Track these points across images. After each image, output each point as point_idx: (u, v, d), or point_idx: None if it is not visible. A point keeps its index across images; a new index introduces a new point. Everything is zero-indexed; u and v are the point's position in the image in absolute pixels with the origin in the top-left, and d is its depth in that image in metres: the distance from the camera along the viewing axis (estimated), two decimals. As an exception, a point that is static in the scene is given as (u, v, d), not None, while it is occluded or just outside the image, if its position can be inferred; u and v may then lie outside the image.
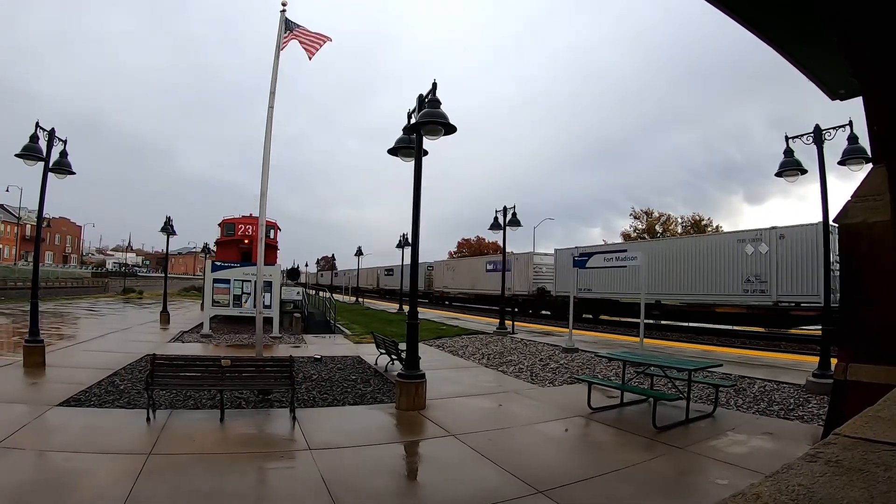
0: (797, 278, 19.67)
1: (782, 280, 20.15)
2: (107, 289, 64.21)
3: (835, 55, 3.97)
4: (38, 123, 10.61)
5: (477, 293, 41.57)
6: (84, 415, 7.75)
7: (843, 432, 1.58)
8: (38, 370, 10.48)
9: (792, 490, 1.21)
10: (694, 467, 6.29)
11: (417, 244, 9.47)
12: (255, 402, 8.82)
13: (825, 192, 9.70)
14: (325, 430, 7.38)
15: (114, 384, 9.63)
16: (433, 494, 5.46)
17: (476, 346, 16.86)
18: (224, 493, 5.13)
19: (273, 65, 10.69)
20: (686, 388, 8.23)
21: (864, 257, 3.64)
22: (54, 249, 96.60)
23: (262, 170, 10.60)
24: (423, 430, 7.81)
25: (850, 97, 4.53)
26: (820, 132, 9.71)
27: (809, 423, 7.98)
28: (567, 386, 11.14)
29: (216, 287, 18.65)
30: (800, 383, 9.73)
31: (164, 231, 24.07)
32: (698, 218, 69.26)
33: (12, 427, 6.70)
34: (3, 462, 5.61)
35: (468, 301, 43.25)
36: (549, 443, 7.30)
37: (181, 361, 8.43)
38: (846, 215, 3.77)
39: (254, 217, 24.79)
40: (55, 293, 46.27)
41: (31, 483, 5.19)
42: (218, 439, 6.95)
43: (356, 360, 13.76)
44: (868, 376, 3.47)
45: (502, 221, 20.76)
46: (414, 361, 8.93)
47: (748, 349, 16.21)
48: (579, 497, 5.20)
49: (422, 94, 8.97)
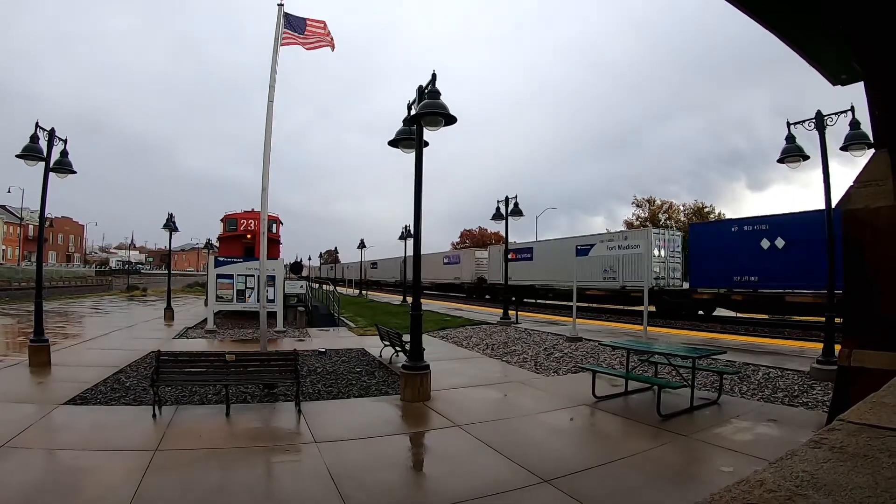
0: (633, 270, 26.61)
1: (625, 271, 27.21)
2: (111, 287, 64.28)
3: (837, 40, 3.95)
4: (37, 123, 10.60)
5: (435, 282, 50.48)
6: (90, 413, 7.78)
7: (848, 418, 1.58)
8: (43, 369, 10.51)
9: (796, 476, 1.21)
10: (699, 455, 6.31)
11: (419, 236, 9.46)
12: (261, 396, 8.86)
13: (827, 177, 9.67)
14: (330, 423, 7.40)
15: (119, 382, 9.65)
16: (439, 486, 5.47)
17: (480, 336, 16.87)
18: (231, 487, 5.15)
19: (272, 60, 10.66)
20: (690, 376, 8.24)
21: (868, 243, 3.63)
22: (57, 249, 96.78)
23: (262, 164, 10.58)
24: (428, 422, 7.83)
25: (851, 82, 4.49)
26: (822, 118, 9.67)
27: (814, 410, 7.98)
28: (571, 375, 11.16)
29: (220, 282, 18.71)
30: (804, 370, 9.73)
31: (166, 228, 24.07)
32: (701, 205, 69.32)
33: (20, 426, 6.74)
34: (11, 461, 5.64)
35: (429, 289, 50.51)
36: (555, 432, 7.32)
37: (186, 357, 8.49)
38: (849, 201, 3.75)
39: (256, 212, 24.87)
40: (59, 292, 46.35)
41: (40, 482, 5.22)
42: (224, 434, 6.97)
43: (360, 352, 13.81)
44: (872, 362, 3.46)
45: (504, 211, 20.73)
46: (418, 353, 8.95)
47: (752, 336, 16.23)
48: (585, 486, 5.21)
49: (421, 86, 8.94)
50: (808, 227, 18.33)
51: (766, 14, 4.13)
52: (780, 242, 20.95)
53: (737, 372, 9.69)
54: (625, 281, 27.93)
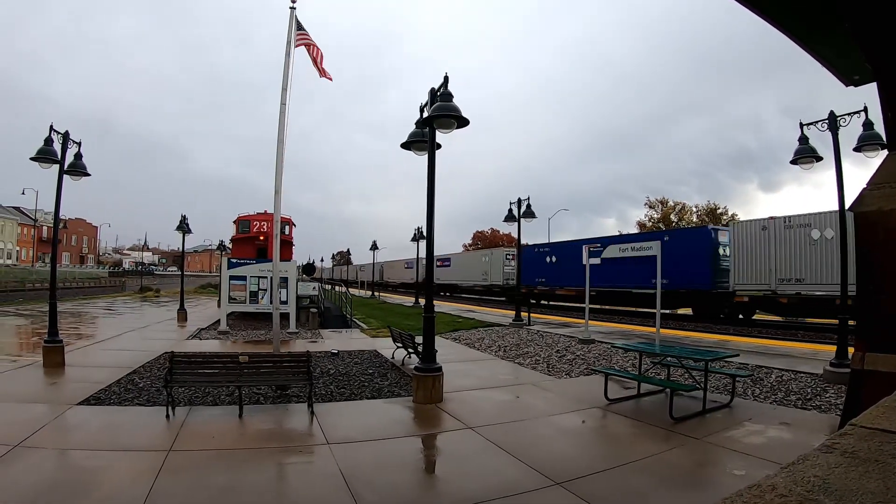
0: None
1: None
2: (124, 288, 64.86)
3: (848, 41, 3.93)
4: (52, 126, 10.74)
5: (400, 282, 62.57)
6: (104, 413, 7.85)
7: (860, 423, 1.58)
8: (57, 370, 10.61)
9: (807, 481, 1.22)
10: (711, 458, 6.29)
11: (432, 237, 9.47)
12: (273, 397, 8.91)
13: (840, 179, 9.59)
14: (343, 425, 7.43)
15: (133, 382, 9.74)
16: (451, 487, 5.49)
17: (492, 338, 16.88)
18: (244, 488, 5.18)
19: (284, 63, 10.72)
20: (703, 379, 8.21)
21: (881, 246, 3.60)
22: (71, 250, 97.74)
23: (275, 167, 10.66)
24: (440, 424, 7.85)
25: (864, 83, 4.47)
26: (835, 119, 9.60)
27: (827, 413, 7.93)
28: (584, 377, 11.14)
29: (233, 284, 18.81)
30: (817, 373, 9.66)
31: (179, 229, 24.29)
32: (713, 206, 68.70)
33: (34, 426, 6.81)
34: (25, 461, 5.70)
35: (397, 287, 63.26)
36: (567, 435, 7.32)
37: (199, 358, 8.53)
38: (861, 203, 3.72)
39: (268, 213, 24.98)
40: (73, 293, 46.78)
41: (54, 481, 5.27)
42: (237, 435, 7.01)
43: (373, 354, 13.84)
44: (886, 366, 3.44)
45: (517, 213, 20.71)
46: (430, 355, 8.97)
47: (765, 338, 16.11)
48: (597, 489, 5.21)
49: (433, 88, 8.96)
50: (567, 249, 33.81)
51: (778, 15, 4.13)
52: (554, 258, 36.24)
53: (749, 374, 9.63)
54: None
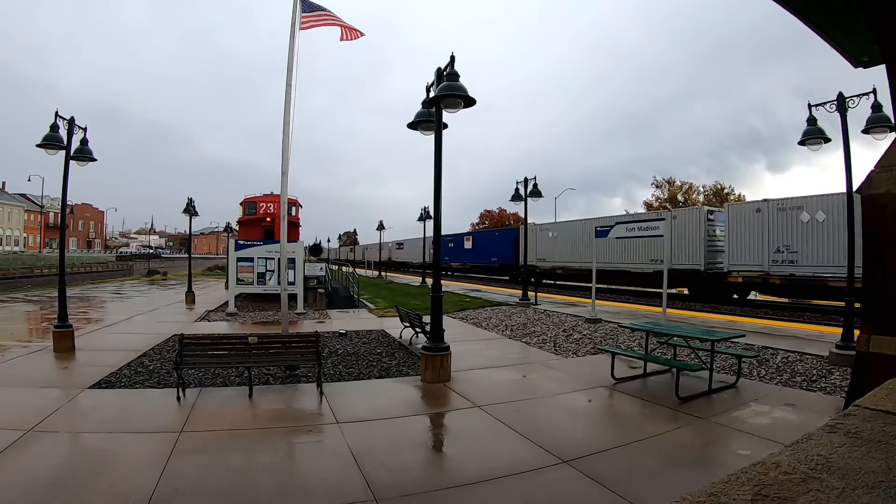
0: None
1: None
2: (131, 271, 64.93)
3: (858, 22, 3.90)
4: (57, 113, 10.73)
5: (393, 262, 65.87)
6: (115, 396, 7.93)
7: (864, 404, 1.62)
8: (68, 354, 10.71)
9: (811, 460, 1.25)
10: (716, 438, 6.33)
11: (440, 217, 9.45)
12: (283, 377, 9.00)
13: (849, 161, 9.50)
14: (352, 404, 7.51)
15: (143, 365, 9.83)
16: (460, 465, 5.55)
17: (499, 317, 16.96)
18: (255, 467, 5.26)
19: (289, 43, 10.65)
20: (709, 359, 8.25)
21: (888, 228, 3.60)
22: (78, 235, 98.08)
23: (282, 148, 10.63)
24: (448, 403, 7.92)
25: (873, 65, 4.44)
26: (843, 100, 9.50)
27: (832, 395, 7.97)
28: (590, 357, 11.21)
29: (240, 266, 18.85)
30: (823, 355, 9.68)
31: (186, 212, 24.28)
32: (720, 186, 68.47)
33: (46, 410, 6.90)
34: (39, 445, 5.78)
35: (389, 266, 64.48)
36: (574, 414, 7.38)
37: (208, 340, 8.57)
38: (869, 185, 3.71)
39: (275, 195, 25.00)
40: (81, 278, 47.04)
41: (68, 464, 5.35)
42: (247, 416, 7.11)
43: (381, 333, 13.95)
44: (891, 349, 3.45)
45: (523, 192, 20.69)
46: (438, 334, 9.03)
47: (772, 320, 16.13)
48: (604, 467, 5.28)
49: (440, 68, 8.93)
50: (490, 237, 45.08)
51: None
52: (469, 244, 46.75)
53: (755, 355, 9.64)
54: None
